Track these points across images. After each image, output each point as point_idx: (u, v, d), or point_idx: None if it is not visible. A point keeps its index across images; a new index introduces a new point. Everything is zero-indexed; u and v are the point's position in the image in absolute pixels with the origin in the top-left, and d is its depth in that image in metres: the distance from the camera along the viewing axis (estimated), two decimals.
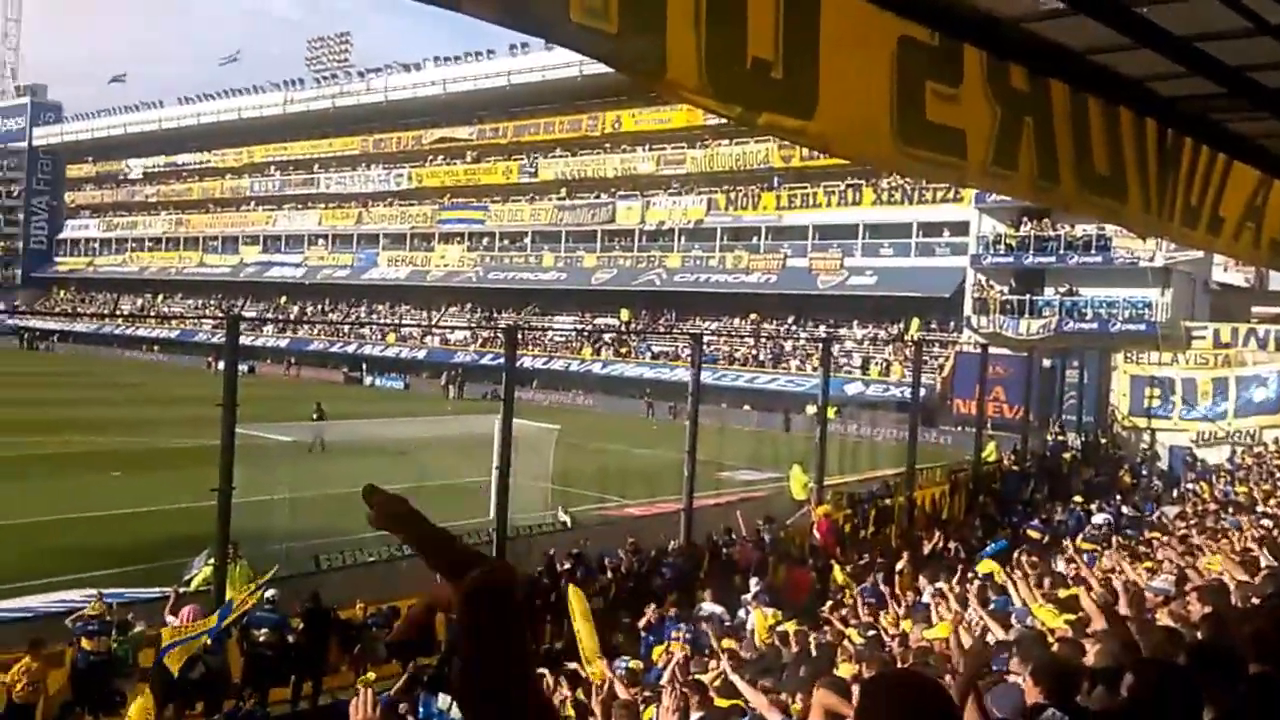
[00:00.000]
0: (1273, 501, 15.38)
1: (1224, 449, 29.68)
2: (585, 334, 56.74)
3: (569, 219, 61.72)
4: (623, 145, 60.91)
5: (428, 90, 67.35)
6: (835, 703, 5.45)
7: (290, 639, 13.27)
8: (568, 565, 16.25)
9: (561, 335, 56.99)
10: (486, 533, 17.05)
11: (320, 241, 75.43)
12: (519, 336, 24.97)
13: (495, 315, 61.57)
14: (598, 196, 61.13)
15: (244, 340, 39.80)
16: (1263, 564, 8.69)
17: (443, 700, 10.39)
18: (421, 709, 10.59)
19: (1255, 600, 6.78)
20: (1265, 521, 12.24)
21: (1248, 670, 4.20)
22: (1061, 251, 39.96)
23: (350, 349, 64.97)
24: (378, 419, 33.95)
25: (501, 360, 20.11)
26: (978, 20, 4.46)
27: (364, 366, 63.22)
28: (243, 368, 17.27)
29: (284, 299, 74.00)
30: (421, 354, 61.65)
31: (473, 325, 61.41)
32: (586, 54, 3.09)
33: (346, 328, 66.21)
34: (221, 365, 20.98)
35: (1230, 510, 15.82)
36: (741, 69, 3.28)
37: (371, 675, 12.30)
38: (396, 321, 66.73)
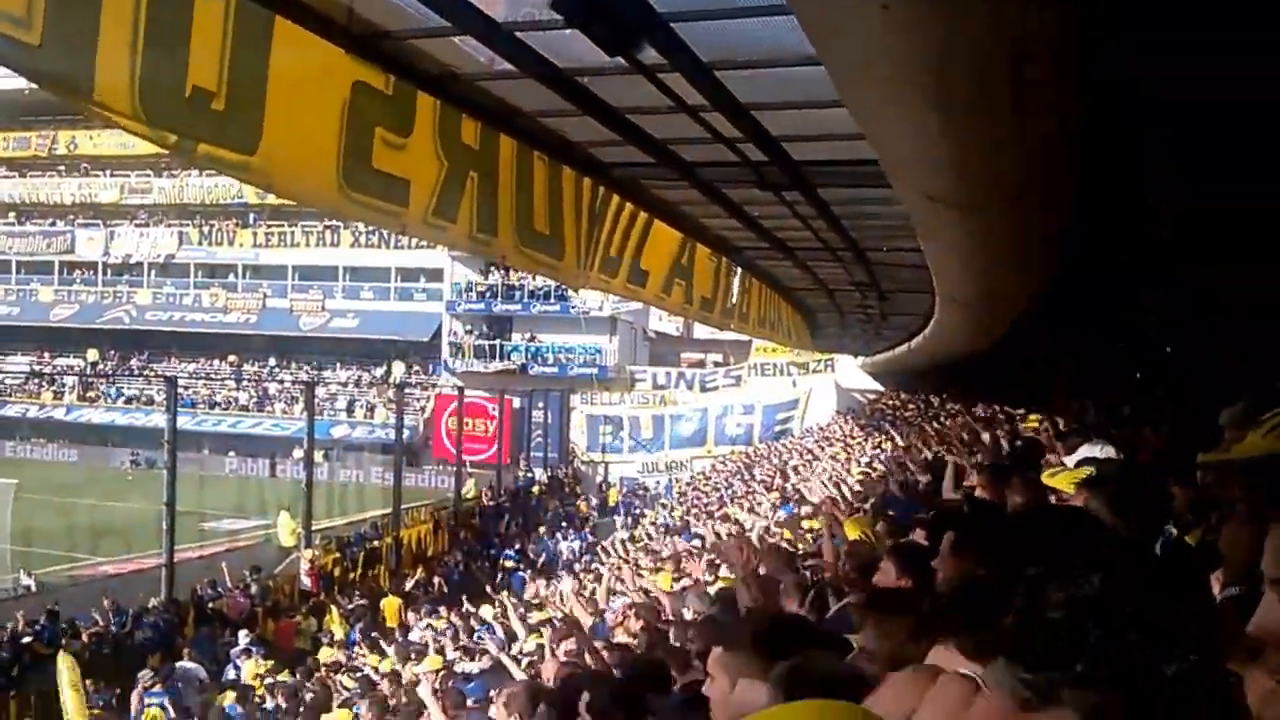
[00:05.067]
0: (702, 521, 17.21)
1: (663, 477, 33.49)
2: (44, 376, 50.77)
3: (20, 247, 54.82)
4: (81, 169, 55.28)
5: None
6: None
7: None
8: (32, 634, 15.10)
9: (16, 377, 50.61)
10: None
11: None
12: None
13: None
14: (53, 224, 54.94)
15: None
16: (695, 576, 9.69)
17: None
18: None
19: (687, 613, 7.53)
20: (695, 541, 13.69)
21: (680, 673, 4.67)
22: (526, 300, 42.46)
23: None
24: None
25: None
26: (436, 73, 4.59)
27: None
28: None
29: None
30: None
31: None
32: (5, 66, 2.81)
33: None
34: None
35: (666, 532, 17.61)
36: (179, 97, 3.11)
37: None
38: None
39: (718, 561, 10.04)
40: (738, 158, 5.78)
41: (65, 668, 12.88)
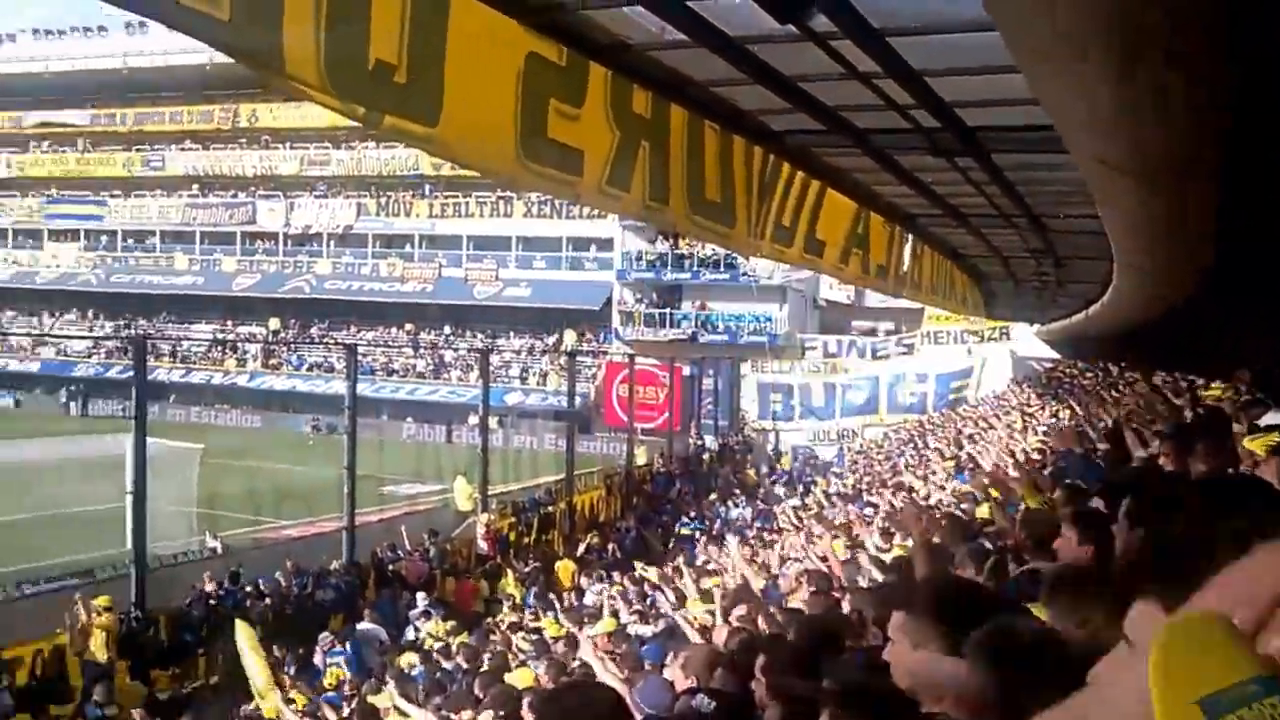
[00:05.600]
0: (875, 489, 17.02)
1: (834, 446, 33.28)
2: (228, 344, 53.35)
3: (203, 218, 57.55)
4: (261, 141, 57.60)
5: (27, 67, 59.47)
6: None
7: None
8: (220, 595, 15.66)
9: (201, 345, 53.12)
10: (124, 565, 15.92)
11: None
12: (149, 346, 23.29)
13: (125, 323, 56.30)
14: (235, 195, 57.42)
15: None
16: (869, 544, 9.64)
17: None
18: None
19: (861, 580, 7.51)
20: (868, 510, 13.58)
21: (854, 640, 4.71)
22: (695, 268, 42.63)
23: None
24: None
25: (131, 373, 18.66)
26: (607, 43, 4.68)
27: None
28: None
29: None
30: (34, 367, 55.14)
31: (94, 334, 55.70)
32: (197, 38, 2.93)
33: None
34: None
35: (838, 500, 17.47)
36: (363, 70, 3.23)
37: None
38: (0, 329, 58.99)
39: (892, 530, 9.95)
40: (909, 124, 5.69)
41: (243, 633, 13.26)
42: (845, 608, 6.10)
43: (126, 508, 15.77)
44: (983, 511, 8.29)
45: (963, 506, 9.62)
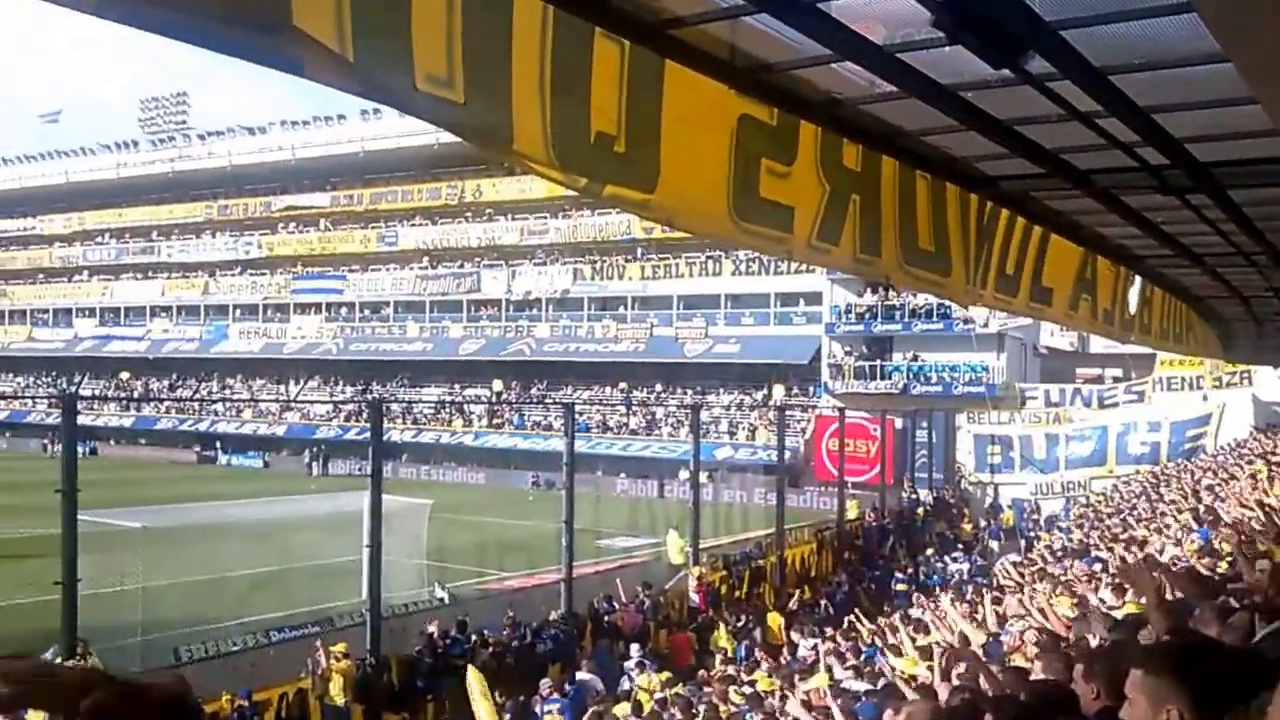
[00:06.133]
0: (1105, 544, 16.15)
1: (1059, 500, 31.60)
2: (456, 405, 55.88)
3: (433, 288, 61.03)
4: (485, 214, 60.71)
5: (275, 155, 65.46)
6: None
7: None
8: (447, 643, 16.19)
9: (431, 407, 55.93)
10: (360, 613, 16.79)
11: (164, 313, 72.12)
12: (384, 409, 24.60)
13: (362, 388, 60.07)
14: (461, 266, 60.60)
15: (83, 420, 37.67)
16: (1092, 604, 9.15)
17: None
18: None
19: (1091, 639, 7.13)
20: (1096, 565, 12.92)
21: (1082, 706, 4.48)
22: (906, 319, 41.83)
23: (202, 426, 61.85)
24: (236, 500, 32.69)
25: (368, 434, 19.76)
26: (818, 100, 4.72)
27: (218, 444, 60.55)
28: (83, 449, 16.43)
29: (126, 375, 70.17)
30: (281, 430, 59.27)
31: (334, 399, 59.58)
32: (434, 123, 3.09)
33: (197, 404, 63.26)
34: (59, 447, 20.18)
35: (1064, 556, 16.65)
36: (585, 142, 3.39)
37: None
38: (252, 396, 63.96)
39: (1124, 585, 9.43)
40: (1136, 162, 5.47)
41: (474, 680, 13.77)
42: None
43: (363, 560, 16.54)
44: (1225, 567, 7.78)
45: (1203, 561, 9.05)
